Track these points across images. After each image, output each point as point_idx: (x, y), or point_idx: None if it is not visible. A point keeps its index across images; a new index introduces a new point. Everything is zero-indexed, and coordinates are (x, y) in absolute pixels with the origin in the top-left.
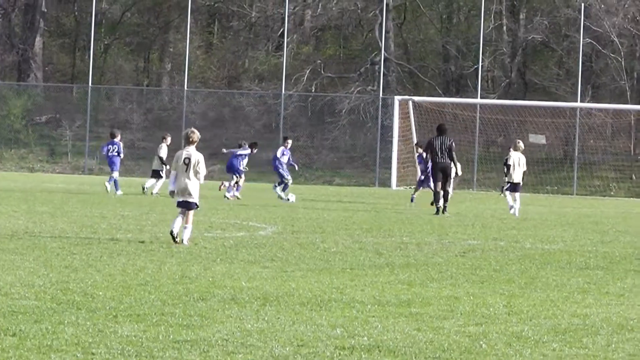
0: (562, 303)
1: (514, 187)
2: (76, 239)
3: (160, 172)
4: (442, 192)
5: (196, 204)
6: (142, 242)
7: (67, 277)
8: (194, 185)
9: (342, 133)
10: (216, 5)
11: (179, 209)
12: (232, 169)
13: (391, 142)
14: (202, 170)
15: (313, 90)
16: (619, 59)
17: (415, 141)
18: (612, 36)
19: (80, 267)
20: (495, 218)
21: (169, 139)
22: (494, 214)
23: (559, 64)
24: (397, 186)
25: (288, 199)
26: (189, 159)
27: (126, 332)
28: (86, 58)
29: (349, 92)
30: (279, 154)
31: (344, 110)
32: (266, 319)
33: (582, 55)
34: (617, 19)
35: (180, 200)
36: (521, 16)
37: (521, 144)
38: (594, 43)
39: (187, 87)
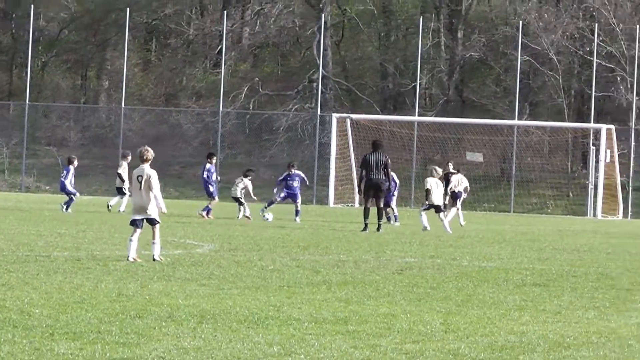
0: (499, 320)
1: (437, 209)
2: (13, 256)
3: (123, 189)
4: (377, 209)
5: (156, 220)
6: (79, 260)
7: (3, 295)
8: (151, 203)
9: (279, 150)
10: (154, 22)
11: (132, 227)
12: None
13: (329, 159)
14: (155, 184)
15: (251, 108)
16: (557, 76)
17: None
18: (550, 54)
19: (16, 285)
20: (432, 236)
21: (129, 158)
22: (431, 231)
23: (496, 82)
24: (334, 204)
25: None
26: (142, 176)
27: (62, 350)
28: (23, 75)
29: (287, 109)
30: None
31: (281, 128)
32: (203, 336)
33: (520, 73)
34: (555, 36)
35: (136, 218)
36: (459, 34)
37: (438, 170)
38: (532, 61)
39: (124, 105)
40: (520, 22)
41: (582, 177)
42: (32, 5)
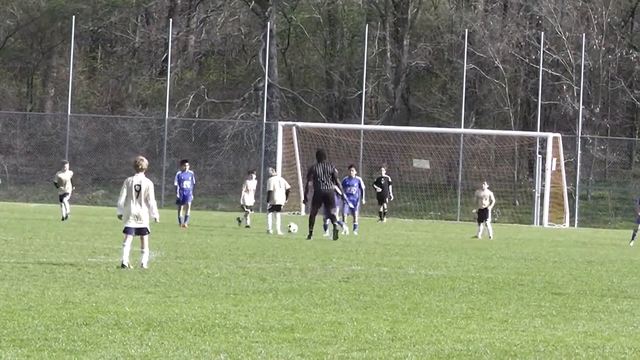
0: (446, 329)
1: (277, 208)
2: None
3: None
4: (330, 217)
5: (147, 229)
6: (26, 267)
7: None
8: (145, 212)
9: (225, 158)
10: (99, 30)
11: (125, 235)
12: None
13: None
14: (152, 194)
15: (197, 116)
16: (503, 84)
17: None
18: (496, 62)
19: None
20: (378, 244)
21: (67, 166)
22: (377, 240)
23: (442, 90)
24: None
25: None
26: (140, 185)
27: (9, 357)
28: None
29: (233, 117)
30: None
31: (227, 136)
32: (150, 344)
33: (466, 81)
34: (501, 44)
35: (130, 226)
36: (405, 42)
37: (271, 172)
38: (478, 69)
39: (70, 112)
40: (466, 30)
41: (528, 185)
42: None
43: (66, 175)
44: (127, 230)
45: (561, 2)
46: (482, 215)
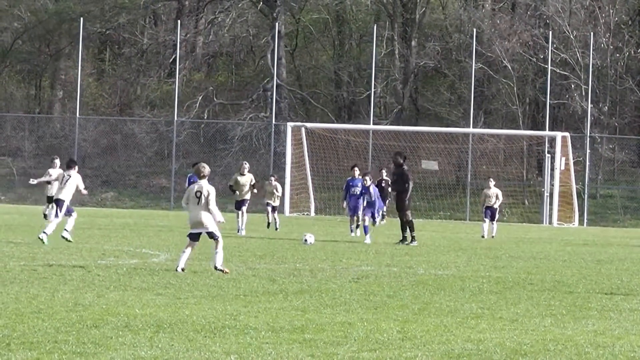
0: (456, 328)
1: None
2: None
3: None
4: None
5: (214, 233)
6: (35, 269)
7: None
8: (208, 217)
9: (234, 160)
10: (107, 32)
11: (188, 240)
12: None
13: (284, 168)
14: (212, 200)
15: (205, 117)
16: (511, 84)
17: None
18: (505, 61)
19: None
20: (388, 244)
21: (57, 162)
22: (387, 240)
23: (451, 90)
24: (290, 213)
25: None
26: (201, 192)
27: None
28: None
29: (242, 118)
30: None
31: (236, 137)
32: (160, 346)
33: (475, 81)
34: (509, 44)
35: (193, 232)
36: (413, 42)
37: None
38: (486, 68)
39: (79, 115)
40: (475, 29)
41: (537, 184)
42: None
43: (57, 172)
44: (190, 236)
45: (569, 2)
46: (488, 213)
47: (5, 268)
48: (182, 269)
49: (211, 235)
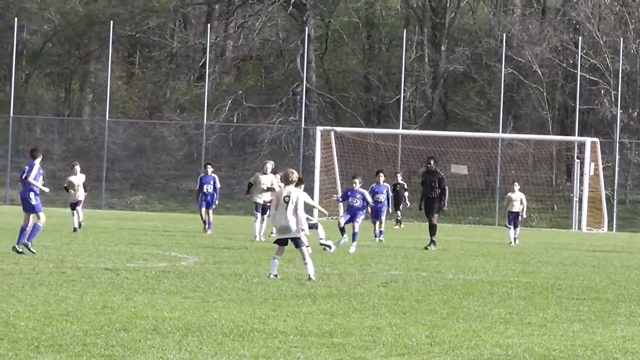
0: (484, 333)
1: None
2: None
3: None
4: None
5: (300, 239)
6: (64, 272)
7: None
8: (294, 223)
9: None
10: (137, 35)
11: (277, 246)
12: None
13: (313, 172)
14: (300, 209)
15: (235, 121)
16: (541, 89)
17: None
18: (534, 66)
19: (2, 298)
20: (417, 249)
21: (78, 168)
22: (416, 244)
23: (480, 95)
24: (319, 217)
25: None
26: (289, 197)
27: None
28: (7, 88)
29: (271, 122)
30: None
31: (265, 141)
32: (188, 349)
33: (504, 86)
34: (539, 48)
35: (282, 237)
36: (442, 47)
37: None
38: (516, 73)
39: (108, 118)
40: (504, 34)
41: (566, 190)
42: (16, 18)
43: (78, 179)
44: (278, 242)
45: (598, 7)
46: (511, 219)
47: (34, 270)
48: (275, 275)
49: (295, 242)
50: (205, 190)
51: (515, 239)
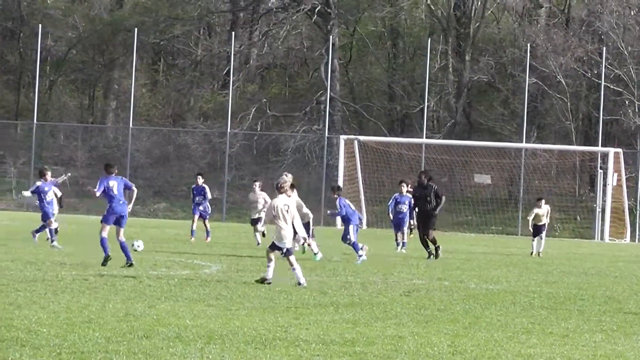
0: (506, 343)
1: None
2: (20, 275)
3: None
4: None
5: (290, 250)
6: (87, 279)
7: (11, 314)
8: (290, 232)
9: (287, 172)
10: (162, 43)
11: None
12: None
13: (337, 181)
14: (297, 217)
15: (258, 129)
16: (565, 99)
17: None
18: (559, 76)
19: (24, 304)
20: (439, 258)
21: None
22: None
23: (504, 104)
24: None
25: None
26: (288, 205)
27: None
28: (31, 95)
29: (294, 131)
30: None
31: (289, 149)
32: (210, 357)
33: (528, 96)
34: (563, 59)
35: (279, 245)
36: (467, 57)
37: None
38: (540, 83)
39: (132, 125)
40: (529, 44)
41: (589, 200)
42: (40, 25)
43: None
44: (275, 248)
45: (623, 18)
46: (537, 230)
47: (57, 277)
48: (297, 283)
49: (288, 251)
50: (197, 201)
51: (539, 253)
